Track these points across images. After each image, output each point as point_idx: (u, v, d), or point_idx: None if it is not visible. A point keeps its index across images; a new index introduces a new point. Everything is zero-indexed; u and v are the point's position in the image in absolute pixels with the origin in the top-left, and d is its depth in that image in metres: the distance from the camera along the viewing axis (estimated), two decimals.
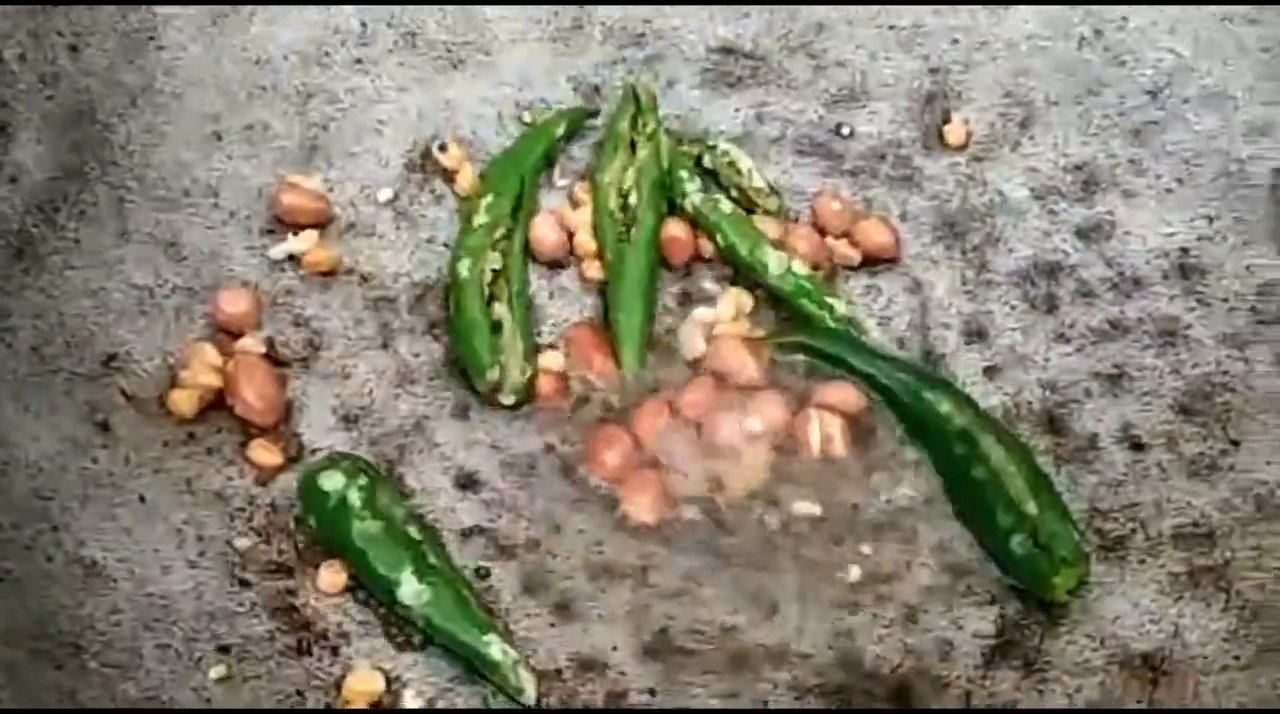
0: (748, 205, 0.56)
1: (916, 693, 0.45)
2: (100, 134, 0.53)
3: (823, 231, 0.55)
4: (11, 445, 0.47)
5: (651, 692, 0.46)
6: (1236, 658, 0.45)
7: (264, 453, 0.50)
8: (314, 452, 0.50)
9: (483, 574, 0.48)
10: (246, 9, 0.57)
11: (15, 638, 0.43)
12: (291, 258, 0.54)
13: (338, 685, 0.45)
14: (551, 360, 0.53)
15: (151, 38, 0.55)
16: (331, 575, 0.47)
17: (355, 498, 0.47)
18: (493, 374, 0.51)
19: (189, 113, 0.55)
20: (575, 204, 0.56)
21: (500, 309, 0.52)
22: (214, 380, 0.50)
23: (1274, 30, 0.56)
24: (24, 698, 0.41)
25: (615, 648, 0.47)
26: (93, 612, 0.45)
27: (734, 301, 0.54)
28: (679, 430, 0.51)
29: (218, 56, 0.56)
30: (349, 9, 0.58)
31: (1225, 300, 0.53)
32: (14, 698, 0.40)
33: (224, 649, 0.45)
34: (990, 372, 0.53)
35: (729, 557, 0.49)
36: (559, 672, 0.46)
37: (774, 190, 0.56)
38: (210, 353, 0.51)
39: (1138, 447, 0.50)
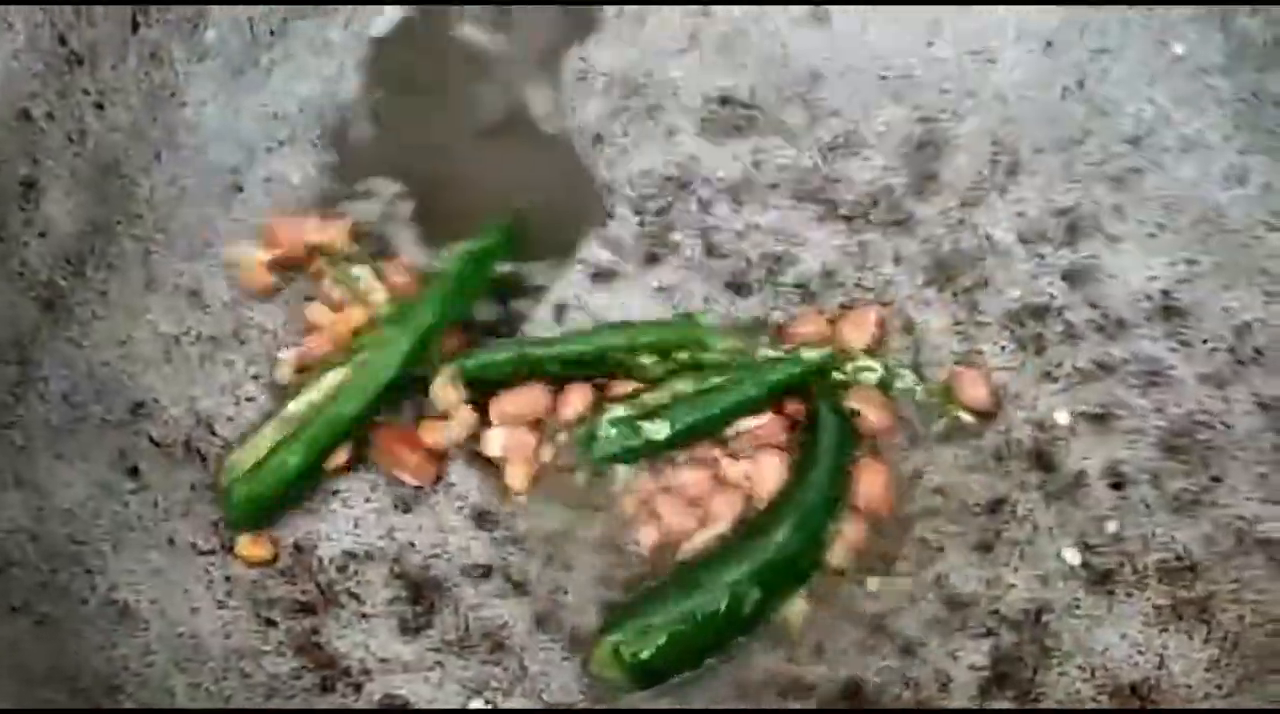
0: None
1: None
2: (126, 188, 0.55)
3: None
4: (46, 492, 0.49)
5: None
6: (1219, 687, 0.47)
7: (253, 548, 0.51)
8: (334, 494, 0.52)
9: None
10: (264, 64, 0.59)
11: (54, 679, 0.45)
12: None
13: None
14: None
15: (174, 94, 0.57)
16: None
17: None
18: None
19: (210, 166, 0.57)
20: None
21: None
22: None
23: (1248, 81, 0.59)
24: None
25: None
26: (127, 652, 0.47)
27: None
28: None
29: (237, 112, 0.58)
30: (357, 61, 0.60)
31: (1205, 341, 0.55)
32: None
33: (255, 687, 0.47)
34: (981, 412, 0.55)
35: None
36: (573, 705, 0.48)
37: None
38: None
39: (1123, 483, 0.53)
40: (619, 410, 0.53)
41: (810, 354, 0.54)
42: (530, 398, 0.54)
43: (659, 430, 0.53)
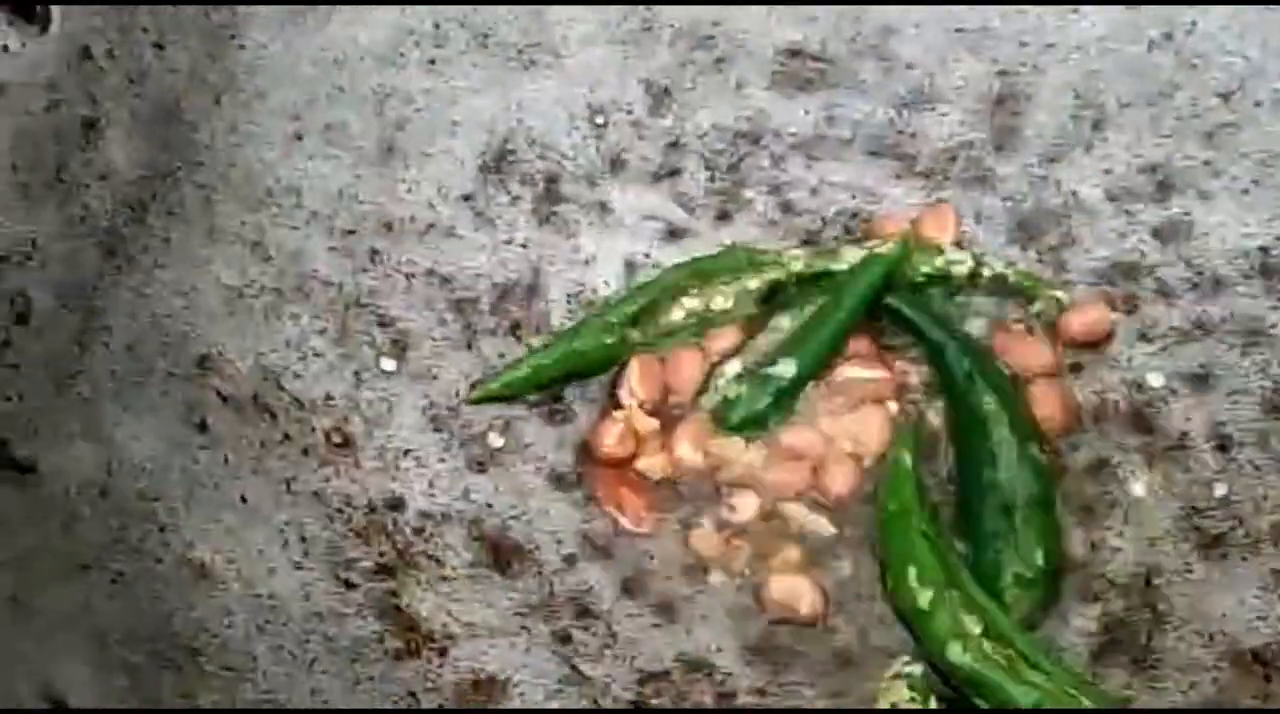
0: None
1: None
2: (186, 133, 0.53)
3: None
4: (115, 445, 0.47)
5: (761, 692, 0.46)
6: None
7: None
8: (405, 453, 0.50)
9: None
10: (324, 8, 0.56)
11: (133, 640, 0.43)
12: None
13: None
14: None
15: (233, 36, 0.55)
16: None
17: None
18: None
19: (271, 112, 0.55)
20: None
21: None
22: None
23: None
24: (146, 701, 0.41)
25: (720, 649, 0.47)
26: (205, 614, 0.44)
27: None
28: None
29: (297, 56, 0.56)
30: (423, 9, 0.58)
31: None
32: (138, 701, 0.40)
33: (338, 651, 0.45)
34: (1075, 369, 0.53)
35: (829, 555, 0.49)
36: (667, 673, 0.46)
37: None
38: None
39: (1229, 445, 0.51)
40: (734, 365, 0.51)
41: (886, 248, 0.53)
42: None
43: (786, 369, 0.50)
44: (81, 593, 0.43)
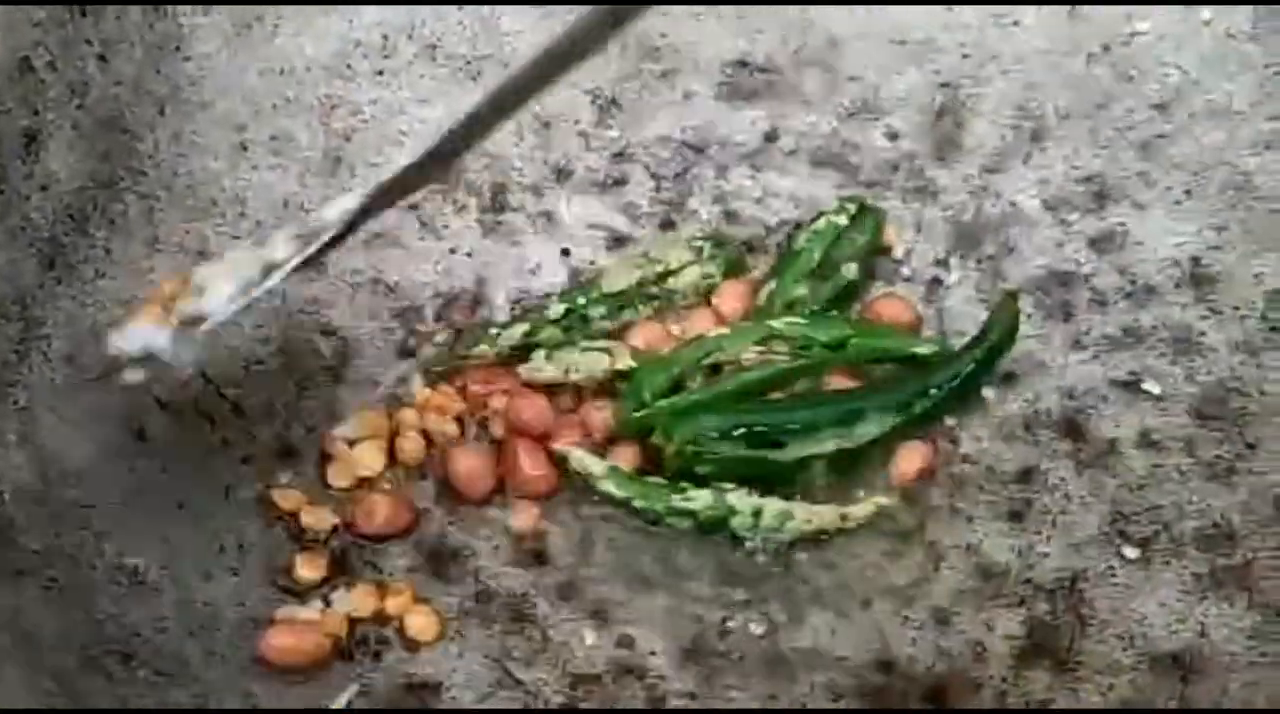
0: None
1: (952, 693, 0.46)
2: (129, 143, 0.54)
3: None
4: (52, 453, 0.47)
5: (691, 695, 0.46)
6: (1263, 655, 0.46)
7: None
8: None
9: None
10: (270, 20, 0.57)
11: (64, 646, 0.43)
12: None
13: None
14: None
15: (178, 47, 0.55)
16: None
17: None
18: None
19: (216, 122, 0.55)
20: None
21: None
22: None
23: (1276, 46, 0.58)
24: (77, 704, 0.41)
25: (653, 653, 0.48)
26: (138, 620, 0.45)
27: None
28: None
29: (243, 67, 0.56)
30: (370, 20, 0.58)
31: (1237, 308, 0.54)
32: (67, 706, 0.41)
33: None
34: (1009, 378, 0.54)
35: (757, 564, 0.49)
36: (599, 677, 0.47)
37: None
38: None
39: (1156, 451, 0.52)
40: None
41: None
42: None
43: None
44: (14, 599, 0.43)
